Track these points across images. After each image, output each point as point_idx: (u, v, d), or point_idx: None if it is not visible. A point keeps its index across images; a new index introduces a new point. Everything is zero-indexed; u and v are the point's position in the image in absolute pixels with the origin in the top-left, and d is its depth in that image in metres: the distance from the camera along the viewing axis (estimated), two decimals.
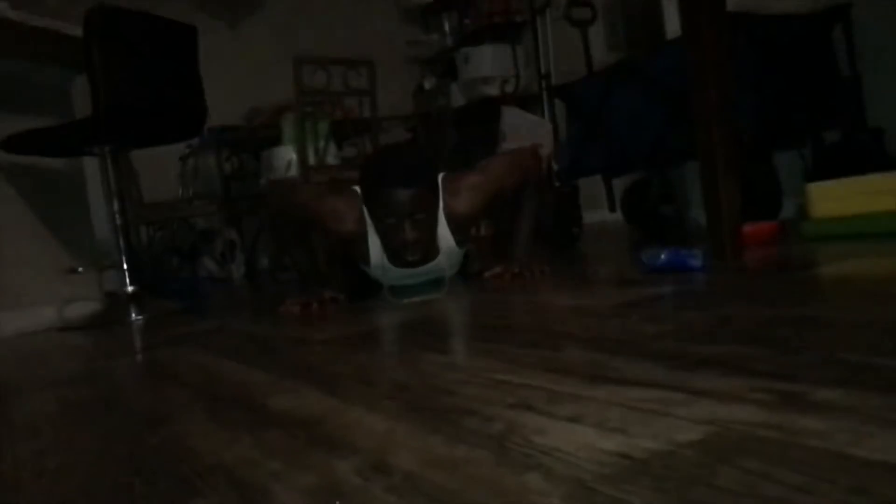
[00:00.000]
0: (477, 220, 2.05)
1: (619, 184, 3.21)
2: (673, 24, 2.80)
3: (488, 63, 4.79)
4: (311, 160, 3.42)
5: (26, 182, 2.72)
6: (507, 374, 0.85)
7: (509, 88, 4.64)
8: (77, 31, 2.33)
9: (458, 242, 1.97)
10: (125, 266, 2.60)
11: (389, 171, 1.78)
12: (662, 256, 1.58)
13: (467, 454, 0.59)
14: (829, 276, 1.35)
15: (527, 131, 3.54)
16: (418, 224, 1.78)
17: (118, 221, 2.62)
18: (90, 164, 3.01)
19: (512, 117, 3.63)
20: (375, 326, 1.51)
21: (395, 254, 1.87)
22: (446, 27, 5.28)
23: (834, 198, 1.87)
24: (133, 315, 2.50)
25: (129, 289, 2.59)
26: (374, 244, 1.92)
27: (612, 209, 3.20)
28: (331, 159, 3.65)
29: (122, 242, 2.61)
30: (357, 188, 1.93)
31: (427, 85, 5.24)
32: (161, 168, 4.20)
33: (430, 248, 1.90)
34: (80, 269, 2.73)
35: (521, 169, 2.04)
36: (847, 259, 1.49)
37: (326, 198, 1.99)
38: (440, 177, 1.92)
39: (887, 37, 2.43)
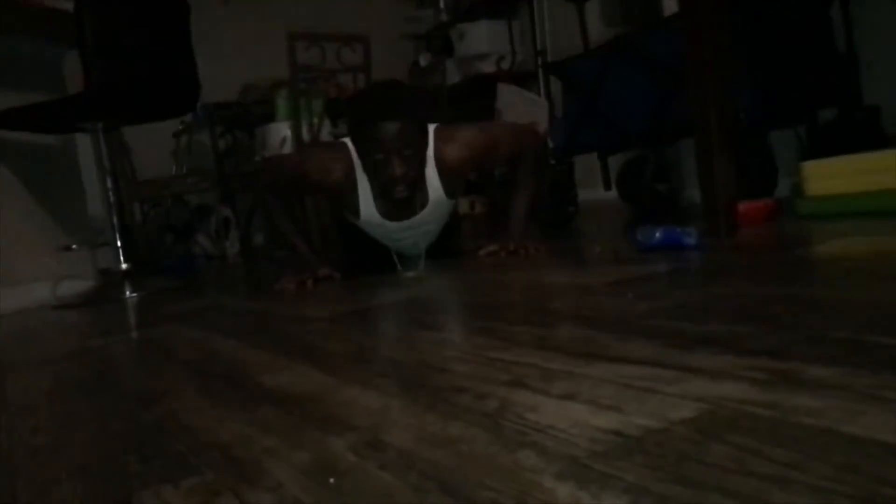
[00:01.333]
0: (467, 173, 2.05)
1: (615, 162, 3.20)
2: (670, 1, 2.78)
3: (484, 40, 4.75)
4: (306, 137, 3.40)
5: (18, 159, 2.70)
6: (502, 352, 0.85)
7: (505, 65, 4.61)
8: (68, 6, 2.30)
9: (448, 193, 1.98)
10: (119, 243, 2.59)
11: (377, 105, 1.79)
12: (657, 234, 1.58)
13: (461, 432, 0.60)
14: (823, 254, 1.36)
15: (522, 109, 3.52)
16: (406, 160, 1.78)
17: (111, 198, 2.61)
18: (83, 141, 2.99)
19: (508, 94, 3.61)
20: (370, 304, 1.51)
21: (384, 193, 1.86)
22: (441, 3, 5.23)
23: (829, 176, 1.87)
24: (127, 293, 2.49)
25: (123, 266, 2.58)
26: (364, 193, 1.93)
27: (607, 187, 3.19)
28: (325, 136, 3.63)
29: (115, 220, 2.60)
30: (346, 140, 1.93)
31: (422, 61, 5.20)
32: (154, 145, 4.17)
33: (418, 189, 1.90)
34: (74, 247, 2.72)
35: (518, 139, 2.04)
36: (841, 237, 1.49)
37: (313, 153, 2.01)
38: (432, 127, 1.92)
39: (884, 14, 2.41)
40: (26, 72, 2.74)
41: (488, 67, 4.71)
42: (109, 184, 2.60)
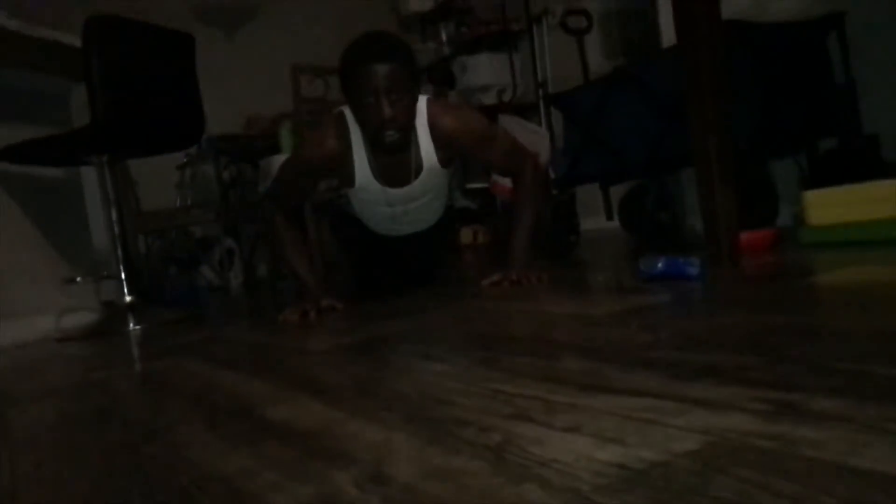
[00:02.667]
0: (459, 149, 2.06)
1: (617, 191, 3.21)
2: (669, 32, 2.82)
3: (485, 72, 4.80)
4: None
5: (24, 191, 2.72)
6: (505, 384, 0.85)
7: (506, 97, 4.65)
8: (76, 41, 2.34)
9: (442, 162, 2.01)
10: (123, 275, 2.60)
11: (366, 48, 1.82)
12: (660, 264, 1.58)
13: (465, 465, 0.59)
14: (826, 284, 1.36)
15: (524, 139, 3.54)
16: (396, 102, 1.80)
17: (116, 230, 2.62)
18: (88, 174, 3.01)
19: (509, 125, 3.63)
20: (373, 335, 1.51)
21: (375, 139, 1.87)
22: (444, 36, 5.30)
23: (830, 205, 1.88)
24: (131, 325, 2.50)
25: (127, 298, 2.59)
26: (360, 156, 1.96)
27: (609, 217, 3.20)
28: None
29: (120, 251, 2.61)
30: (343, 108, 1.97)
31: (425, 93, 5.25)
32: (159, 177, 4.21)
33: (412, 153, 1.94)
34: (78, 279, 2.73)
35: (517, 152, 2.07)
36: (844, 267, 1.49)
37: (305, 133, 2.05)
38: (425, 97, 1.97)
39: (881, 44, 2.44)
40: (34, 105, 2.77)
41: (490, 99, 4.76)
42: (114, 216, 2.62)
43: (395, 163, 1.95)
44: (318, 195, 3.13)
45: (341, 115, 1.98)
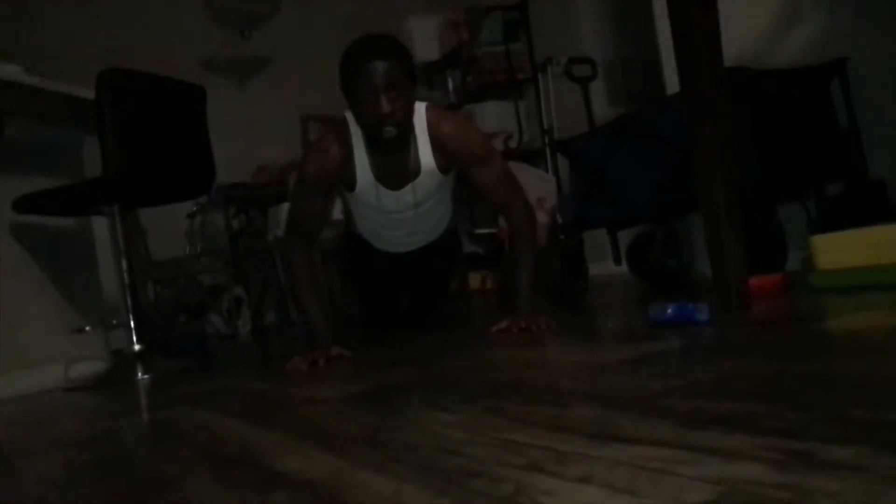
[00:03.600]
0: (456, 159, 2.08)
1: (625, 236, 3.22)
2: (672, 80, 2.85)
3: (491, 119, 4.86)
4: None
5: (36, 241, 2.75)
6: (515, 434, 0.85)
7: (513, 143, 4.70)
8: (89, 94, 2.38)
9: (440, 168, 2.05)
10: (132, 324, 2.60)
11: (364, 47, 1.88)
12: (669, 310, 1.58)
13: None
14: (838, 329, 1.35)
15: (531, 185, 3.57)
16: (393, 99, 1.84)
17: (126, 279, 2.63)
18: (99, 223, 3.04)
19: (516, 172, 3.66)
20: (382, 384, 1.51)
21: (374, 136, 1.91)
22: (450, 85, 5.37)
23: (839, 250, 1.87)
24: (139, 374, 2.49)
25: (136, 347, 2.59)
26: (360, 157, 2.02)
27: (617, 262, 3.20)
28: (337, 214, 3.68)
29: (129, 300, 2.62)
30: (345, 113, 2.03)
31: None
32: (169, 225, 4.24)
33: (410, 153, 1.99)
34: (88, 328, 2.73)
35: (512, 183, 2.09)
36: (854, 312, 1.48)
37: (308, 151, 2.12)
38: (424, 103, 2.02)
39: (885, 90, 2.46)
40: (47, 157, 2.82)
41: (497, 145, 4.80)
42: (124, 265, 2.63)
43: (394, 163, 2.01)
44: (327, 243, 3.15)
45: (343, 120, 2.04)
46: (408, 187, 2.04)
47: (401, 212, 2.09)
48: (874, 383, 0.86)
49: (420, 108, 2.03)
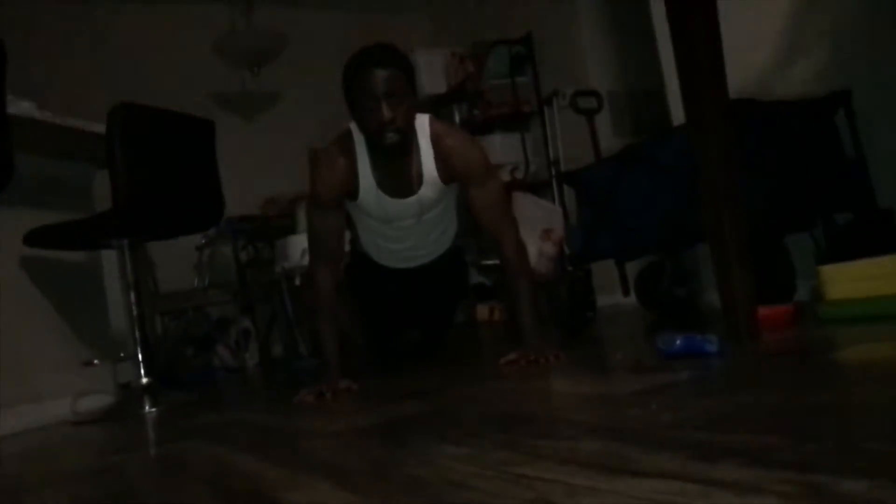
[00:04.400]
0: (457, 170, 2.08)
1: (633, 267, 3.21)
2: (678, 111, 2.87)
3: (498, 151, 4.88)
4: None
5: (45, 274, 2.76)
6: (525, 467, 0.84)
7: (519, 175, 4.72)
8: (100, 128, 2.41)
9: (442, 177, 2.07)
10: (140, 357, 2.60)
11: (366, 55, 1.92)
12: (678, 342, 1.57)
13: None
14: (848, 360, 1.34)
15: (538, 216, 3.59)
16: (394, 106, 1.87)
17: (134, 312, 2.64)
18: (108, 256, 3.06)
19: (523, 203, 3.68)
20: (390, 417, 1.50)
21: (376, 142, 1.94)
22: (456, 117, 5.42)
23: (848, 280, 1.87)
24: (147, 407, 2.49)
25: (144, 380, 2.58)
26: (363, 164, 2.04)
27: (625, 293, 3.19)
28: (346, 246, 3.69)
29: (137, 333, 2.62)
30: (349, 125, 2.05)
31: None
32: (177, 257, 4.26)
33: (413, 161, 2.02)
34: (96, 362, 2.74)
35: (505, 215, 2.11)
36: (865, 343, 1.47)
37: (314, 165, 2.15)
38: (427, 115, 2.06)
39: (890, 120, 2.47)
40: (57, 191, 2.84)
41: (503, 177, 4.82)
42: (133, 298, 2.64)
43: (397, 171, 2.04)
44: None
45: (347, 131, 2.08)
46: (411, 197, 2.07)
47: (403, 220, 2.11)
48: (887, 415, 0.85)
49: (423, 119, 2.07)
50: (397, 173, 2.05)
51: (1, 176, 1.94)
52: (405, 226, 2.13)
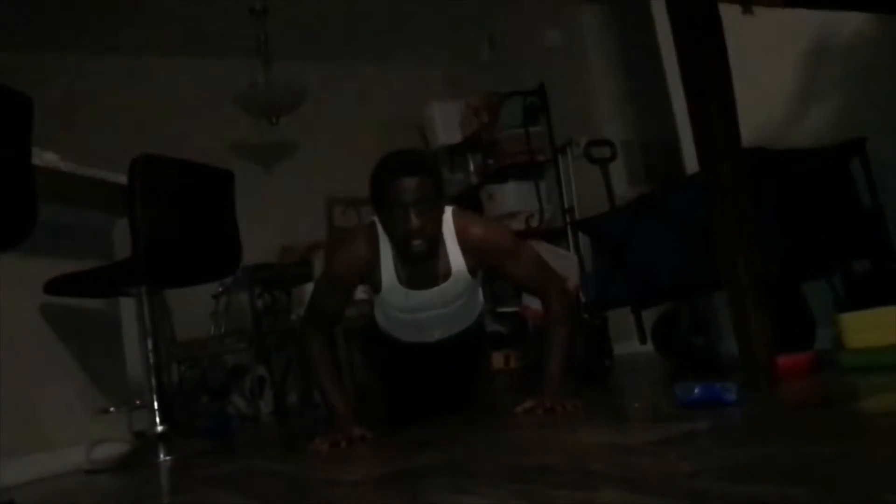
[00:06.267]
0: (487, 259, 2.08)
1: (650, 315, 3.20)
2: (691, 159, 2.89)
3: (512, 199, 4.92)
4: None
5: (63, 321, 2.78)
6: None
7: (534, 223, 4.73)
8: (121, 179, 2.46)
9: (470, 270, 2.03)
10: (156, 405, 2.60)
11: (395, 163, 1.90)
12: (696, 390, 1.55)
13: None
14: (871, 409, 1.32)
15: (553, 263, 3.58)
16: (422, 214, 1.86)
17: (151, 360, 2.64)
18: (126, 304, 3.08)
19: (538, 251, 3.68)
20: (406, 466, 1.48)
21: (403, 249, 1.92)
22: (471, 166, 5.47)
23: (868, 328, 1.85)
24: (162, 455, 2.47)
25: (159, 428, 2.58)
26: (386, 261, 2.00)
27: (642, 341, 3.17)
28: (361, 294, 3.70)
29: (153, 381, 2.62)
30: (374, 218, 2.04)
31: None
32: (194, 305, 4.29)
33: (439, 258, 1.98)
34: (112, 409, 2.74)
35: (545, 272, 2.09)
36: (886, 392, 1.45)
37: (336, 247, 2.13)
38: (450, 207, 2.03)
39: None
40: (77, 239, 2.88)
41: (518, 225, 4.84)
42: (150, 345, 2.65)
43: (423, 270, 2.01)
44: (350, 322, 3.16)
45: (372, 224, 2.05)
46: (436, 289, 2.04)
47: (427, 311, 2.09)
48: None
49: (447, 214, 2.04)
50: (423, 272, 2.01)
51: (24, 224, 1.97)
52: (428, 316, 2.11)
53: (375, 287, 2.06)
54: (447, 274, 2.02)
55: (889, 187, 2.47)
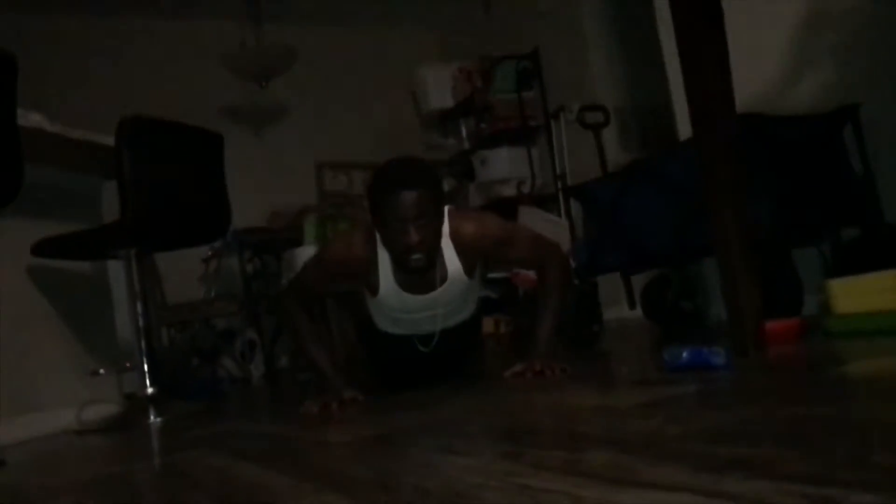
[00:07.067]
0: (483, 255, 2.08)
1: (639, 280, 3.21)
2: (685, 126, 2.87)
3: (504, 165, 4.89)
4: None
5: (51, 284, 2.77)
6: (530, 478, 0.84)
7: (525, 189, 4.72)
8: (108, 140, 2.43)
9: (467, 272, 2.01)
10: (146, 367, 2.60)
11: (395, 175, 1.86)
12: (684, 355, 1.56)
13: None
14: (857, 373, 1.33)
15: (544, 230, 3.58)
16: (422, 228, 1.82)
17: (141, 323, 2.65)
18: (115, 267, 3.07)
19: (530, 217, 3.68)
20: (395, 427, 1.49)
21: (401, 262, 1.89)
22: (463, 131, 5.43)
23: (856, 294, 1.86)
24: (152, 417, 2.49)
25: (149, 390, 2.58)
26: (384, 266, 1.97)
27: (631, 306, 3.18)
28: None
29: (143, 344, 2.63)
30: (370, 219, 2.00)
31: (445, 186, 5.35)
32: (184, 269, 4.27)
33: (434, 259, 1.94)
34: (102, 371, 2.74)
35: (540, 248, 2.08)
36: (873, 356, 1.46)
37: (334, 237, 2.07)
38: (447, 208, 1.98)
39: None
40: (65, 202, 2.86)
41: (509, 191, 4.83)
42: (139, 308, 2.65)
43: (420, 277, 1.97)
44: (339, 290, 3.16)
45: (368, 226, 2.01)
46: (433, 293, 2.02)
47: (423, 311, 2.07)
48: (894, 429, 0.84)
49: (444, 213, 1.99)
50: (420, 277, 1.98)
51: (10, 187, 1.95)
52: (424, 316, 2.09)
53: (372, 290, 2.04)
54: (444, 278, 2.00)
55: (881, 154, 2.47)
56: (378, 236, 1.95)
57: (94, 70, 4.78)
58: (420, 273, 1.93)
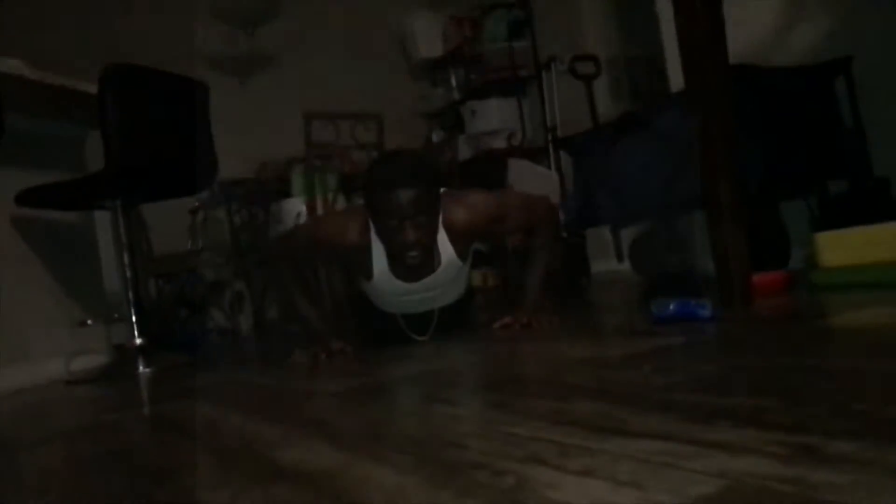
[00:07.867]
0: (476, 236, 2.08)
1: (627, 233, 3.21)
2: (677, 77, 2.85)
3: (494, 116, 4.85)
4: (321, 212, 3.45)
5: (38, 235, 2.75)
6: (517, 427, 0.84)
7: (515, 141, 4.69)
8: (92, 88, 2.38)
9: (460, 255, 2.00)
10: (134, 318, 2.60)
11: (392, 173, 1.81)
12: (671, 307, 1.58)
13: None
14: (841, 326, 1.34)
15: (534, 183, 3.57)
16: (419, 226, 1.80)
17: (128, 274, 2.63)
18: (101, 218, 3.04)
19: (519, 169, 3.66)
20: (383, 378, 1.50)
21: (397, 258, 1.88)
22: (453, 82, 5.37)
23: (842, 247, 1.87)
24: (140, 368, 2.49)
25: (138, 341, 2.59)
26: (378, 253, 1.95)
27: (619, 259, 3.20)
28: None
29: (131, 295, 2.62)
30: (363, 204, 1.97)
31: (435, 138, 5.31)
32: (171, 220, 4.23)
33: (430, 253, 1.91)
34: (90, 322, 2.74)
35: (530, 209, 2.06)
36: (858, 309, 1.48)
37: (328, 217, 2.04)
38: (442, 191, 1.94)
39: (890, 88, 2.46)
40: (49, 151, 2.81)
41: (499, 143, 4.80)
42: (126, 259, 2.63)
43: (414, 265, 1.95)
44: None
45: (362, 212, 1.97)
46: (427, 279, 2.00)
47: (416, 294, 2.05)
48: (878, 379, 0.85)
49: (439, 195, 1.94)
50: (414, 266, 1.94)
51: None
52: (417, 298, 2.07)
53: (366, 275, 2.01)
54: (438, 264, 1.98)
55: (871, 108, 2.46)
56: (372, 226, 1.91)
57: (73, 15, 4.65)
58: (416, 268, 1.92)
